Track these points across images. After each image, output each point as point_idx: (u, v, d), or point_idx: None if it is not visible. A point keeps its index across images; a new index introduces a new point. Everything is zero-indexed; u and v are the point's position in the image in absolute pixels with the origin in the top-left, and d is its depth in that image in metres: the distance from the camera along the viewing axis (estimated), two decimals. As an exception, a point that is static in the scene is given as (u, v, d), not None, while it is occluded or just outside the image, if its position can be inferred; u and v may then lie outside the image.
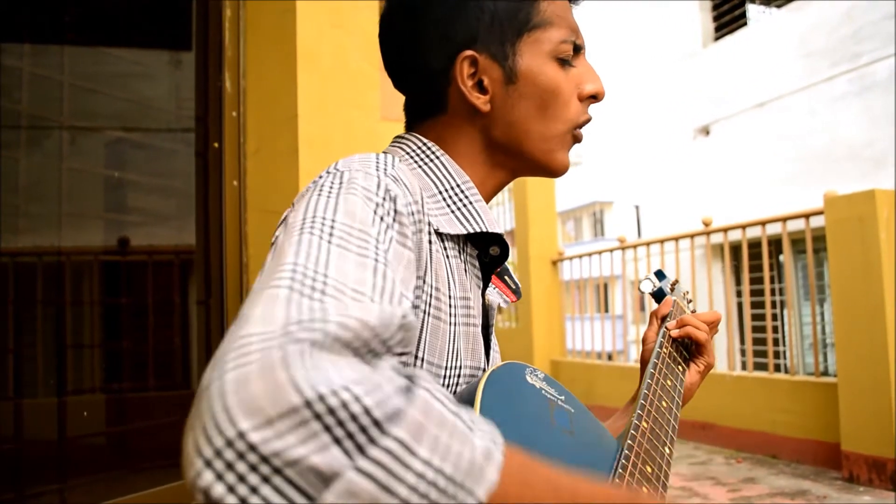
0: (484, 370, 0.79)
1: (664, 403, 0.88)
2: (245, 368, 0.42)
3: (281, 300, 0.48)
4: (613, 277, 6.24)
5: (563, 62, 0.81)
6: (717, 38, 9.52)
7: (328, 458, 0.40)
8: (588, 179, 24.77)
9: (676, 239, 5.37)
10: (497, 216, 7.44)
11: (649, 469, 0.75)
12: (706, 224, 5.03)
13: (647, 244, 5.76)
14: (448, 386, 0.74)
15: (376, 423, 0.42)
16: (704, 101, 9.43)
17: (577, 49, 0.83)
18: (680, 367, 0.97)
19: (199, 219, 2.42)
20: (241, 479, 0.40)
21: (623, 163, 13.91)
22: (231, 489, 0.40)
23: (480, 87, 0.80)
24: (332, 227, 0.57)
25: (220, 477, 0.40)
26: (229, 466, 0.40)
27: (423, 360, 0.71)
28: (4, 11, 2.22)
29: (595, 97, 0.85)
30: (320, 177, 0.68)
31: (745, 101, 8.79)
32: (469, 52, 0.79)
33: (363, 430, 0.42)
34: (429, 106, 0.84)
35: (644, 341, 1.06)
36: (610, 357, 6.48)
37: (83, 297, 2.40)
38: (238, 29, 2.44)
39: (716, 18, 9.59)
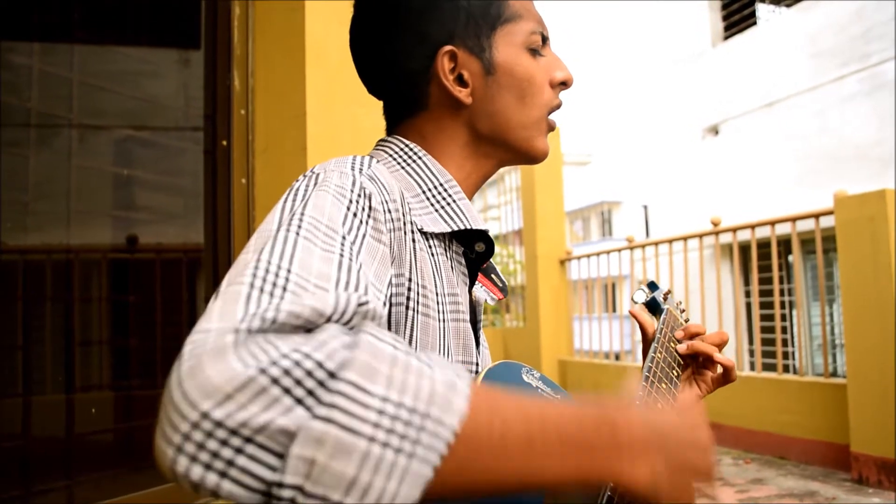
0: (476, 364, 0.81)
1: (659, 406, 0.88)
2: (199, 358, 0.43)
3: (241, 297, 0.49)
4: (621, 277, 6.23)
5: (534, 52, 0.85)
6: (726, 38, 9.49)
7: (294, 416, 0.42)
8: (596, 179, 24.73)
9: (685, 239, 5.35)
10: (505, 216, 7.45)
11: None
12: (715, 224, 5.00)
13: (656, 244, 5.74)
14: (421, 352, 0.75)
15: (331, 374, 0.43)
16: (713, 101, 9.40)
17: (545, 39, 0.86)
18: (674, 371, 0.98)
19: (208, 216, 2.43)
20: (215, 455, 0.41)
21: (631, 162, 13.89)
22: (208, 467, 0.41)
23: (461, 81, 0.82)
24: (300, 222, 0.58)
25: (193, 458, 0.41)
26: (200, 446, 0.41)
27: None
28: (14, 10, 2.23)
29: (565, 83, 0.88)
30: (297, 181, 0.69)
31: (754, 100, 8.76)
32: (449, 48, 0.81)
33: (320, 383, 0.43)
34: (409, 105, 0.85)
35: (644, 355, 1.06)
36: (617, 357, 6.46)
37: (91, 295, 2.40)
38: (247, 27, 2.44)
39: (725, 18, 9.56)
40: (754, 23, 9.19)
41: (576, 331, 6.84)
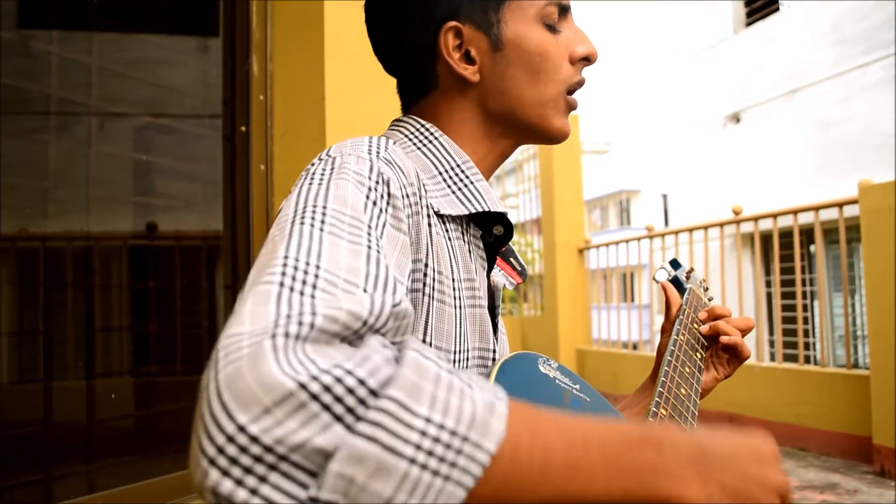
0: (494, 351, 0.79)
1: (683, 391, 0.86)
2: (236, 364, 0.42)
3: (272, 297, 0.47)
4: (640, 266, 6.19)
5: (550, 26, 0.80)
6: (748, 24, 9.38)
7: (331, 435, 0.40)
8: (615, 167, 24.58)
9: (705, 228, 5.30)
10: (523, 204, 7.41)
11: None
12: (736, 213, 4.95)
13: (676, 233, 5.69)
14: (460, 369, 0.73)
15: (372, 392, 0.42)
16: (735, 89, 9.30)
17: (564, 10, 0.82)
18: (698, 353, 0.95)
19: (227, 202, 2.43)
20: (248, 471, 0.40)
21: (650, 151, 13.80)
22: (239, 483, 0.40)
23: (468, 58, 0.79)
24: (323, 215, 0.56)
25: (225, 473, 0.40)
26: (233, 461, 0.40)
27: (430, 344, 0.70)
28: (34, -4, 2.23)
29: (587, 59, 0.83)
30: (312, 164, 0.67)
31: (777, 88, 8.66)
32: (452, 23, 0.78)
33: (361, 401, 0.42)
34: (420, 84, 0.83)
35: (662, 332, 1.04)
36: (635, 347, 6.44)
37: (112, 281, 2.41)
38: (265, 12, 2.43)
39: (747, 4, 9.45)
40: (777, 9, 9.07)
41: (594, 320, 6.82)
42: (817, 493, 3.45)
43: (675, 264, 1.10)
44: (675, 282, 1.09)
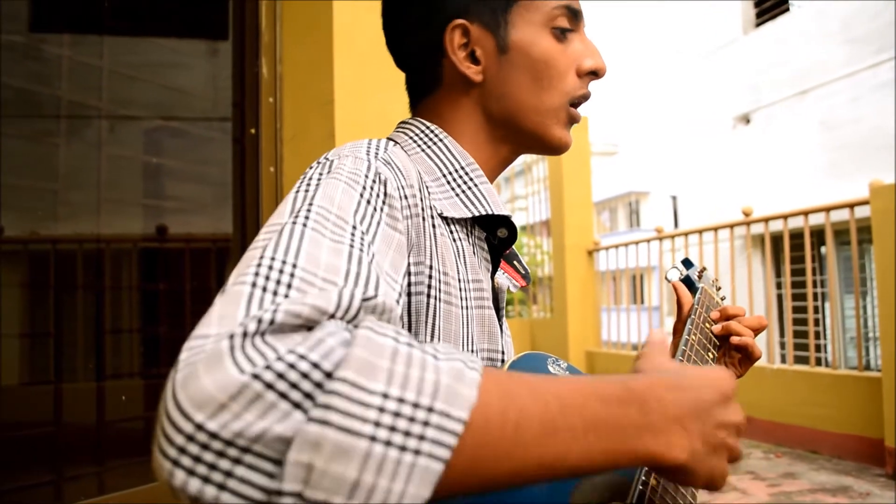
0: (502, 352, 0.78)
1: None
2: (193, 366, 0.42)
3: (243, 297, 0.47)
4: (650, 268, 6.16)
5: (559, 34, 0.79)
6: (758, 25, 9.35)
7: (291, 422, 0.40)
8: (624, 169, 24.52)
9: (715, 229, 5.28)
10: (532, 206, 7.40)
11: None
12: (746, 214, 4.93)
13: (686, 234, 5.67)
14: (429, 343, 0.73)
15: (328, 375, 0.41)
16: (745, 89, 9.27)
17: (575, 16, 0.80)
18: (710, 353, 0.94)
19: (237, 204, 2.43)
20: (212, 467, 0.39)
21: (659, 152, 13.76)
22: (206, 479, 0.40)
23: (473, 58, 0.78)
24: (307, 213, 0.56)
25: (190, 472, 0.40)
26: (196, 459, 0.40)
27: None
28: (47, 2, 2.24)
29: (595, 73, 0.82)
30: (311, 168, 0.67)
31: (787, 88, 8.62)
32: (459, 21, 0.77)
33: (318, 385, 0.41)
34: (426, 81, 0.82)
35: (674, 332, 1.03)
36: (645, 348, 6.41)
37: (122, 283, 2.42)
38: (275, 14, 2.43)
39: (757, 4, 9.41)
40: (787, 9, 9.04)
41: (603, 322, 6.80)
42: (829, 496, 3.43)
43: (687, 263, 1.09)
44: (687, 281, 1.07)
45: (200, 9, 2.65)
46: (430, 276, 0.68)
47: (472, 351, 0.73)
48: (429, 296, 0.68)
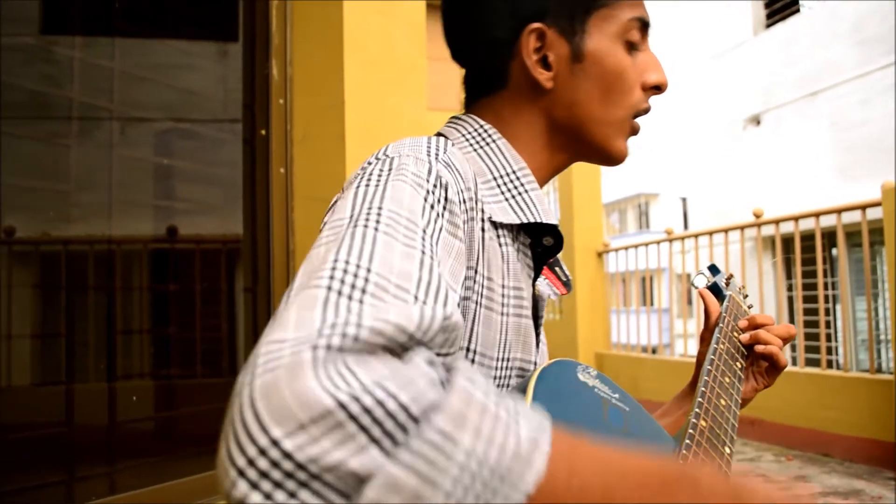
0: (535, 364, 0.77)
1: (722, 401, 0.84)
2: (274, 374, 0.40)
3: (319, 301, 0.46)
4: (660, 270, 6.14)
5: (631, 46, 0.78)
6: (768, 26, 9.31)
7: (366, 458, 0.39)
8: (633, 171, 24.46)
9: (726, 231, 5.25)
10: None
11: None
12: (757, 215, 4.90)
13: (696, 236, 5.64)
14: (499, 378, 0.72)
15: (413, 419, 0.40)
16: (755, 90, 9.23)
17: (645, 29, 0.79)
18: (738, 363, 0.93)
19: (247, 205, 2.44)
20: (278, 486, 0.38)
21: (669, 154, 13.72)
22: (268, 497, 0.38)
23: (545, 63, 0.76)
24: (378, 216, 0.54)
25: (255, 486, 0.39)
26: (264, 475, 0.38)
27: (475, 351, 0.69)
28: (57, 4, 2.25)
29: (658, 88, 0.81)
30: (369, 163, 0.65)
31: (797, 89, 8.59)
32: (537, 25, 0.75)
33: (401, 427, 0.40)
34: (489, 80, 0.80)
35: (701, 340, 1.02)
36: (654, 351, 6.39)
37: (133, 284, 2.43)
38: (285, 16, 2.44)
39: (767, 5, 9.38)
40: (797, 10, 9.00)
41: (613, 324, 6.78)
42: (841, 500, 3.41)
43: (713, 269, 1.07)
44: (715, 288, 1.06)
45: (211, 11, 2.66)
46: (476, 281, 0.68)
47: (506, 359, 0.72)
48: (471, 301, 0.68)
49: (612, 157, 0.82)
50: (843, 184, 7.61)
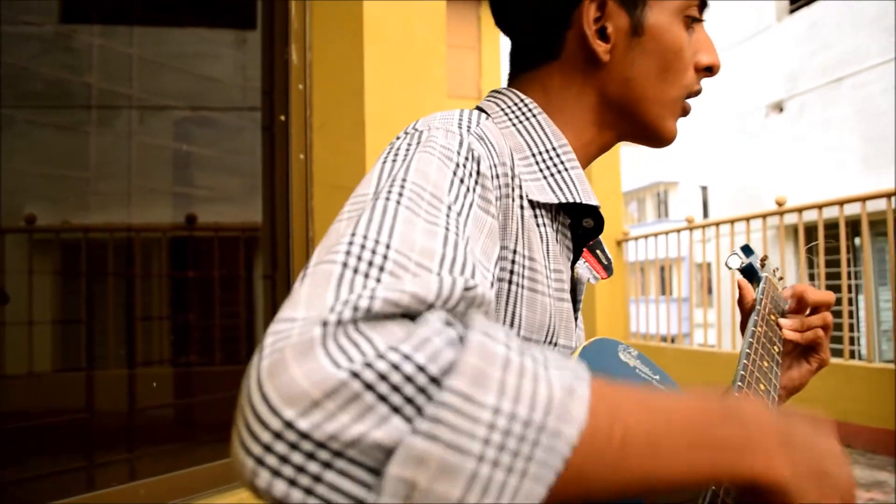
0: (574, 349, 0.74)
1: (761, 386, 0.81)
2: (282, 353, 0.38)
3: (333, 278, 0.44)
4: (679, 259, 6.09)
5: (689, 23, 0.75)
6: (791, 12, 9.19)
7: (391, 428, 0.37)
8: (652, 159, 24.29)
9: (748, 219, 5.20)
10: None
11: None
12: (780, 204, 4.84)
13: (717, 224, 5.59)
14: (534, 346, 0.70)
15: (434, 380, 0.38)
16: (778, 77, 9.12)
17: (703, 9, 0.77)
18: (775, 347, 0.91)
19: (266, 192, 2.44)
20: (300, 469, 0.36)
21: (690, 141, 13.62)
22: (292, 482, 0.37)
23: (602, 35, 0.73)
24: (401, 189, 0.52)
25: (276, 473, 0.37)
26: (284, 460, 0.37)
27: (520, 336, 0.66)
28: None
29: (710, 70, 0.79)
30: (398, 137, 0.62)
31: (821, 76, 8.47)
32: None
33: (422, 390, 0.38)
34: (539, 51, 0.76)
35: (741, 329, 0.99)
36: (673, 340, 6.35)
37: (152, 272, 2.44)
38: (304, 1, 2.42)
39: (791, -9, 9.24)
40: (822, -5, 8.87)
41: (632, 313, 6.74)
42: (864, 492, 3.37)
43: (747, 250, 1.04)
44: (749, 269, 1.02)
45: (229, -2, 2.65)
46: (514, 262, 0.65)
47: (554, 344, 0.70)
48: (511, 282, 0.65)
49: (662, 138, 0.79)
50: (867, 172, 7.50)
